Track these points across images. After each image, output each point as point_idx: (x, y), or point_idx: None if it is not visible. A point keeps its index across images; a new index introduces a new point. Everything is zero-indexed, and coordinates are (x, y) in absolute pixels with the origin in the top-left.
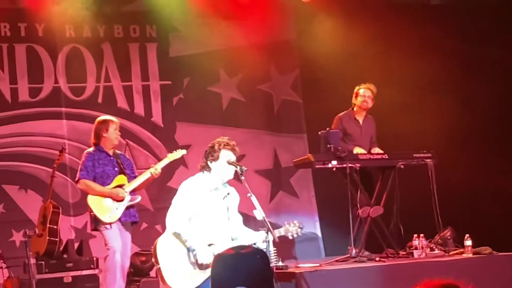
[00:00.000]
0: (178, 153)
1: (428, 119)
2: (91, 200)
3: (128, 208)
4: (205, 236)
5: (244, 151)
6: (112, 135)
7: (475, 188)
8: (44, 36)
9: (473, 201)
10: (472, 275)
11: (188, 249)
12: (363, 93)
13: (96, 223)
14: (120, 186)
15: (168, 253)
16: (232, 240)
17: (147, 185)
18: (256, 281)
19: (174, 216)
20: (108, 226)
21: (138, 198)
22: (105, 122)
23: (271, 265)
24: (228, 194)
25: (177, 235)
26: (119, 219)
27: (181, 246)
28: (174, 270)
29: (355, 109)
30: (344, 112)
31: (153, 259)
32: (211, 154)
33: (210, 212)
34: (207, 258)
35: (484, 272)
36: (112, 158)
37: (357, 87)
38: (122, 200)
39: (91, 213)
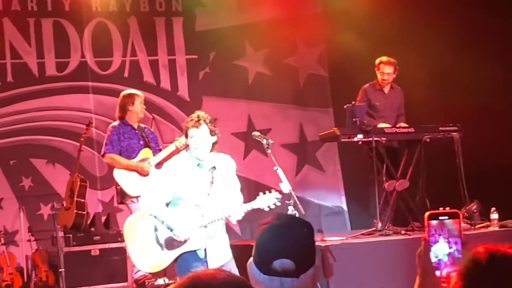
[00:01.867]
0: None
1: (455, 91)
2: (118, 174)
3: None
4: (178, 214)
5: (270, 125)
6: (137, 108)
7: (502, 161)
8: (71, 11)
9: (500, 175)
10: None
11: (155, 229)
12: (383, 69)
13: (123, 196)
14: (145, 159)
15: (134, 233)
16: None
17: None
18: (301, 255)
19: (152, 200)
20: (134, 199)
21: None
22: (131, 95)
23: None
24: (212, 167)
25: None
26: None
27: (148, 227)
28: (140, 250)
29: (378, 78)
30: (369, 84)
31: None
32: (184, 132)
33: (191, 191)
34: (184, 235)
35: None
36: (137, 131)
37: (378, 60)
38: (147, 174)
39: (118, 187)
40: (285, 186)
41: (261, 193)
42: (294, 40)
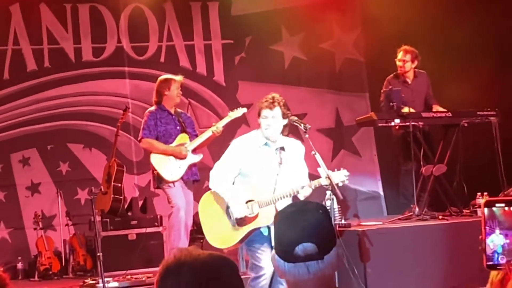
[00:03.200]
0: (239, 111)
1: (492, 75)
2: (154, 159)
3: (190, 166)
4: (246, 192)
5: (306, 110)
6: (173, 93)
7: None
8: None
9: None
10: None
11: (228, 206)
12: (399, 57)
13: (159, 181)
14: (182, 144)
15: (209, 211)
16: (290, 195)
17: (209, 143)
18: (320, 237)
19: (215, 175)
20: (171, 184)
21: (200, 156)
22: (167, 80)
23: (334, 222)
24: (280, 148)
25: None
26: (181, 178)
27: (222, 204)
28: (214, 228)
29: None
30: (393, 74)
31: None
32: (258, 112)
33: (259, 168)
34: (241, 212)
35: None
36: (174, 116)
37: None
38: (184, 158)
39: (154, 172)
40: (323, 171)
41: (330, 171)
42: (330, 24)
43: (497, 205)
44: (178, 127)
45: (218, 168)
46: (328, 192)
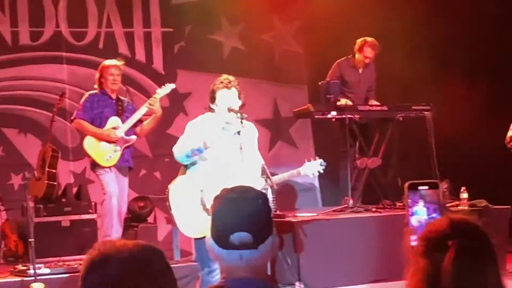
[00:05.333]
0: (167, 88)
1: (428, 70)
2: (87, 145)
3: (123, 152)
4: (216, 178)
5: (244, 100)
6: (108, 79)
7: (473, 141)
8: None
9: (470, 154)
10: None
11: (202, 194)
12: (367, 53)
13: (94, 166)
14: (115, 128)
15: (180, 197)
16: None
17: (152, 126)
18: (257, 226)
19: (178, 145)
20: (107, 169)
21: (133, 138)
22: (103, 67)
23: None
24: (238, 132)
25: (188, 173)
26: (115, 164)
27: (194, 190)
28: (186, 215)
29: (356, 57)
30: (343, 58)
31: (167, 204)
32: (211, 95)
33: (219, 153)
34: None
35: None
36: (113, 101)
37: (361, 40)
38: (114, 142)
39: (90, 157)
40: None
41: (306, 160)
42: (270, 15)
43: (419, 187)
44: (115, 112)
45: (182, 140)
46: (263, 182)
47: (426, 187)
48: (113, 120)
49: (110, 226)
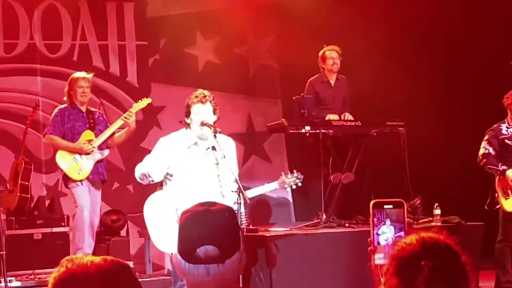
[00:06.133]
0: (144, 102)
1: (402, 86)
2: (60, 158)
3: (96, 165)
4: (190, 196)
5: (218, 114)
6: (77, 92)
7: (446, 158)
8: None
9: (444, 171)
10: None
11: (177, 209)
12: (330, 55)
13: (66, 180)
14: (89, 141)
15: (154, 214)
16: (224, 196)
17: (124, 139)
18: (224, 240)
19: (139, 165)
20: (78, 183)
21: (106, 152)
22: (72, 79)
23: (241, 225)
24: (211, 148)
25: (164, 188)
26: (87, 177)
27: (168, 205)
28: (161, 231)
29: (324, 69)
30: (315, 76)
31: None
32: (186, 110)
33: (190, 168)
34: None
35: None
36: (84, 114)
37: (322, 50)
38: (89, 154)
39: (62, 171)
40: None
41: (283, 174)
42: (245, 30)
43: (385, 206)
44: (87, 125)
45: (146, 158)
46: (235, 196)
47: (391, 206)
48: (87, 134)
49: (82, 239)
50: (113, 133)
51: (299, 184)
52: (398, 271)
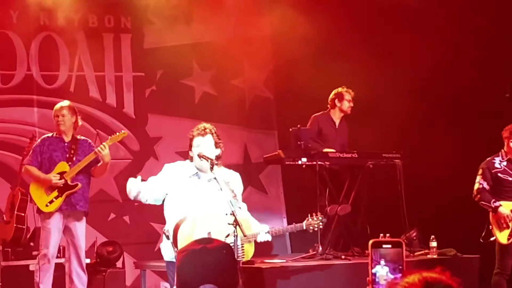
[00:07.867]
0: (120, 135)
1: (397, 118)
2: (32, 189)
3: (69, 197)
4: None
5: (223, 148)
6: (55, 122)
7: (442, 190)
8: (18, 23)
9: (440, 203)
10: None
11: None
12: (349, 98)
13: (38, 212)
14: (62, 173)
15: (188, 239)
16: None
17: (103, 172)
18: (223, 277)
19: (139, 182)
20: (47, 220)
21: (78, 186)
22: (54, 110)
23: (238, 260)
24: (214, 178)
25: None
26: (60, 208)
27: (201, 231)
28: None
29: (334, 110)
30: (321, 113)
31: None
32: (189, 143)
33: (193, 194)
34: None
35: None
36: (65, 144)
37: (340, 89)
38: (56, 187)
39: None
40: (228, 208)
41: (309, 215)
42: (241, 61)
43: (383, 246)
44: (66, 156)
45: (149, 179)
46: (232, 229)
47: (389, 246)
48: (61, 165)
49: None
50: (97, 162)
51: (321, 226)
52: None
